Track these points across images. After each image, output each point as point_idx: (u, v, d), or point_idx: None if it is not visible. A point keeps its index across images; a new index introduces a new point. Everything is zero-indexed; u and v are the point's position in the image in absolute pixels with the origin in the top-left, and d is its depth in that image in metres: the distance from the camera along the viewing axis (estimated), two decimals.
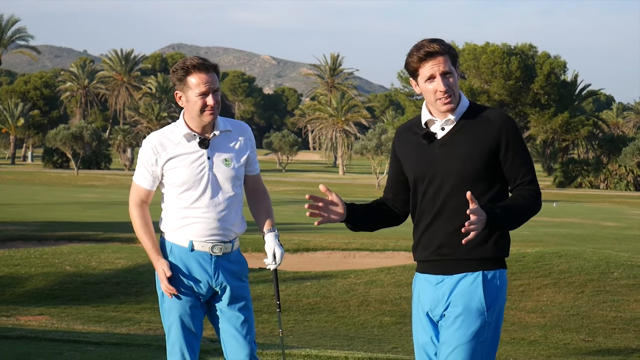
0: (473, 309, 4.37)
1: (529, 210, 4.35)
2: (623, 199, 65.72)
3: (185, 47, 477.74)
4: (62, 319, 12.92)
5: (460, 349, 4.37)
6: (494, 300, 4.40)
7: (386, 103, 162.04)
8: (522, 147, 4.40)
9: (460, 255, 4.40)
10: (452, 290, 4.43)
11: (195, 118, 5.07)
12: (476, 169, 4.35)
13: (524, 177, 4.37)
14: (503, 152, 4.35)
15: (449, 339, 4.40)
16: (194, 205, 5.05)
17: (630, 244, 26.89)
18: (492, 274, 4.41)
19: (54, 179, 68.14)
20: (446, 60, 4.39)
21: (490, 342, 4.41)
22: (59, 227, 26.40)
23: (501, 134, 4.35)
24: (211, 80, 5.02)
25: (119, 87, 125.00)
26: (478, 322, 4.37)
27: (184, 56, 78.63)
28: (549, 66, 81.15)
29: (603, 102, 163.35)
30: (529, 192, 4.35)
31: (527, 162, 4.41)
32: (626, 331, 14.30)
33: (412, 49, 4.45)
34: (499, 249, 4.41)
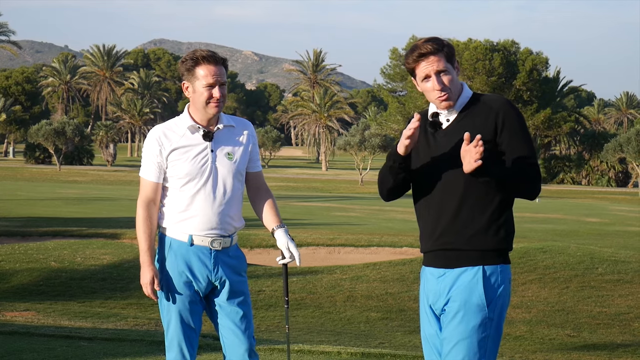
0: (473, 304, 4.40)
1: (521, 175, 4.35)
2: (605, 194, 66.01)
3: (167, 43, 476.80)
4: (48, 314, 12.88)
5: (461, 344, 4.40)
6: (495, 296, 4.42)
7: (368, 99, 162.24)
8: (520, 130, 4.42)
9: (460, 245, 4.43)
10: (452, 285, 4.46)
11: (200, 110, 5.07)
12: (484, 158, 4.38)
13: (524, 154, 4.40)
14: (499, 134, 4.40)
15: (450, 334, 4.43)
16: (195, 198, 5.05)
17: (613, 239, 27.01)
18: (492, 269, 4.43)
19: (36, 175, 67.84)
20: (440, 59, 4.46)
21: (493, 338, 4.43)
22: (42, 222, 26.28)
23: (497, 117, 4.41)
24: (219, 73, 5.03)
25: (101, 82, 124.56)
26: (479, 318, 4.39)
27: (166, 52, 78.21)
28: (531, 62, 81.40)
29: (584, 99, 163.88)
30: (527, 165, 4.37)
31: (526, 145, 4.42)
32: (611, 326, 14.37)
33: (408, 50, 4.56)
34: (499, 239, 4.44)
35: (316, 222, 29.71)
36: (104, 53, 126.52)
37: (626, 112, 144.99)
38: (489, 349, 4.42)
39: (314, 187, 63.78)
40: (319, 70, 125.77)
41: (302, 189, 60.85)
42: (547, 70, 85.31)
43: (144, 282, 5.04)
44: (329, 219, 32.32)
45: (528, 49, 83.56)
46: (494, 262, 4.44)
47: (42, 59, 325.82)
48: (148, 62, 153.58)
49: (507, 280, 4.49)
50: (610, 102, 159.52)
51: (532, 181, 4.39)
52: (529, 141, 4.45)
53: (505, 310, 4.49)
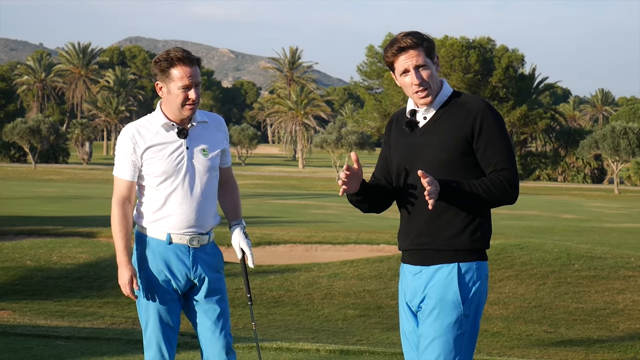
0: (448, 301, 4.38)
1: (491, 192, 4.29)
2: (581, 191, 66.31)
3: (143, 40, 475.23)
4: (24, 314, 12.81)
5: (437, 342, 4.38)
6: (470, 293, 4.39)
7: (345, 96, 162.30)
8: (497, 136, 4.35)
9: (436, 245, 4.41)
10: (428, 282, 4.44)
11: (174, 110, 5.04)
12: (450, 157, 4.36)
13: (497, 166, 4.33)
14: (475, 140, 4.34)
15: (426, 331, 4.42)
16: (172, 196, 5.01)
17: (589, 235, 27.15)
18: (468, 266, 4.40)
19: (11, 173, 67.45)
20: (419, 53, 4.41)
21: (469, 335, 4.41)
22: (17, 221, 26.14)
23: (475, 122, 4.34)
24: (194, 74, 4.99)
25: (77, 80, 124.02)
26: (454, 315, 4.37)
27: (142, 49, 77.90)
28: (507, 60, 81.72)
29: (560, 96, 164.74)
30: (499, 177, 4.30)
31: (502, 151, 4.35)
32: (587, 322, 14.43)
33: (388, 43, 4.51)
34: (475, 239, 4.40)
35: (293, 220, 29.69)
36: (79, 51, 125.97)
37: (601, 109, 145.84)
38: (465, 346, 4.39)
39: (291, 185, 63.74)
40: (296, 68, 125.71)
41: (279, 187, 60.80)
42: (523, 68, 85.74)
43: (122, 282, 5.00)
44: (306, 216, 32.30)
45: (504, 46, 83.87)
46: (469, 259, 4.41)
47: (16, 57, 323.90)
48: (124, 60, 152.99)
49: (484, 277, 4.45)
50: (585, 99, 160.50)
51: (504, 193, 4.31)
52: (506, 148, 4.37)
53: (481, 307, 4.46)
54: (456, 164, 4.37)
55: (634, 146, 66.22)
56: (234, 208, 5.33)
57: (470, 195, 4.29)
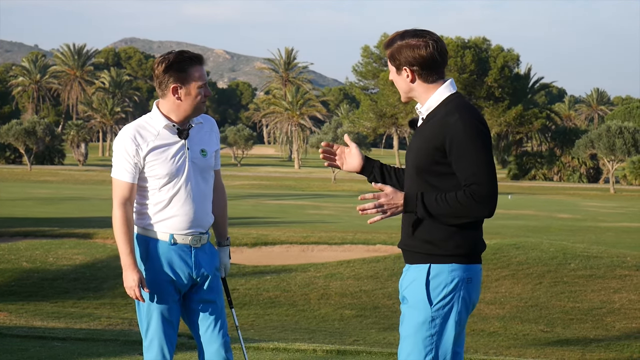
0: (417, 301, 4.35)
1: (457, 208, 4.24)
2: (576, 190, 66.38)
3: (138, 42, 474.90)
4: (20, 315, 12.79)
5: (406, 341, 4.38)
6: (440, 295, 4.33)
7: (340, 97, 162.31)
8: (466, 150, 4.26)
9: (414, 247, 4.41)
10: (406, 280, 4.45)
11: (184, 109, 5.00)
12: (422, 164, 4.36)
13: (466, 181, 4.26)
14: (448, 154, 4.29)
15: (400, 328, 4.44)
16: (175, 198, 5.01)
17: (585, 235, 27.17)
18: (440, 268, 4.34)
19: (7, 175, 67.42)
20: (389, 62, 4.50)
21: (441, 337, 4.34)
22: (13, 223, 26.12)
23: (446, 136, 4.28)
24: (205, 72, 5.08)
25: (72, 81, 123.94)
26: (422, 315, 4.33)
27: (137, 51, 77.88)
28: (502, 59, 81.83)
29: (555, 95, 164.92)
30: (466, 192, 4.24)
31: (471, 166, 4.26)
32: (584, 321, 14.44)
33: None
34: (452, 247, 4.34)
35: (289, 220, 29.70)
36: (75, 52, 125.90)
37: (597, 109, 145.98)
38: (436, 347, 4.33)
39: (287, 185, 63.76)
40: (291, 69, 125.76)
41: (275, 187, 60.80)
42: (519, 67, 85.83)
43: (129, 285, 4.96)
44: (302, 217, 32.31)
45: (499, 46, 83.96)
46: (444, 262, 4.35)
47: (11, 59, 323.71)
48: (119, 61, 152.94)
49: (459, 280, 4.35)
50: (580, 98, 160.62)
51: (471, 208, 4.25)
52: (476, 161, 4.26)
53: (457, 310, 4.35)
54: (429, 170, 4.35)
55: (629, 145, 66.34)
56: (223, 223, 5.37)
57: (432, 210, 4.28)
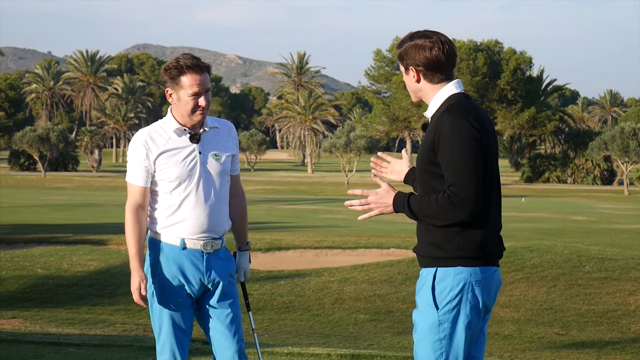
0: (425, 305, 4.35)
1: (435, 211, 4.24)
2: (590, 192, 66.19)
3: (151, 47, 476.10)
4: (35, 322, 12.83)
5: (418, 345, 4.38)
6: (447, 298, 4.32)
7: (353, 101, 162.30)
8: (450, 151, 4.25)
9: (421, 250, 4.42)
10: (418, 285, 4.46)
11: (184, 116, 5.06)
12: (422, 166, 4.38)
13: (447, 182, 4.26)
14: (437, 154, 4.30)
15: (413, 332, 4.44)
16: (186, 201, 5.03)
17: (600, 237, 27.10)
18: (445, 272, 4.33)
19: (21, 182, 67.61)
20: (400, 64, 4.54)
21: (451, 341, 4.32)
22: (28, 229, 26.21)
23: (434, 136, 4.31)
24: (204, 81, 5.02)
25: (85, 88, 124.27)
26: (430, 319, 4.33)
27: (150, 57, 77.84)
28: (515, 62, 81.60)
29: (568, 97, 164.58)
30: (445, 194, 4.24)
31: (453, 165, 4.24)
32: (599, 324, 14.41)
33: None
34: (452, 248, 4.32)
35: (303, 225, 29.70)
36: (88, 58, 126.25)
37: (610, 110, 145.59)
38: (447, 351, 4.32)
39: (300, 190, 63.77)
40: (303, 73, 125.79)
41: (288, 192, 60.82)
42: (531, 70, 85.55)
43: (132, 289, 5.01)
44: (316, 221, 32.31)
45: (512, 49, 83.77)
46: (450, 265, 4.33)
47: (25, 66, 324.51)
48: (132, 67, 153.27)
49: (466, 283, 4.33)
50: (594, 100, 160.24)
51: (448, 209, 4.23)
52: (457, 163, 4.24)
53: (465, 313, 4.33)
54: (430, 172, 4.36)
55: None
56: (242, 228, 5.39)
57: (417, 212, 4.30)
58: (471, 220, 4.26)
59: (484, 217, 4.34)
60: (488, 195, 4.34)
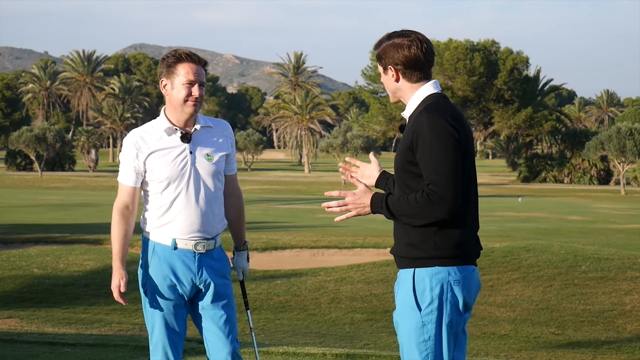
0: (407, 307, 4.34)
1: (414, 209, 4.22)
2: (587, 192, 66.24)
3: (148, 47, 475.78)
4: (32, 321, 12.83)
5: (403, 347, 4.37)
6: (428, 299, 4.30)
7: (350, 101, 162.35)
8: (428, 150, 4.23)
9: (399, 252, 4.41)
10: (397, 286, 4.45)
11: (177, 109, 5.05)
12: (401, 165, 4.36)
13: (426, 180, 4.24)
14: (415, 153, 4.29)
15: (398, 334, 4.43)
16: (177, 201, 5.03)
17: (596, 237, 27.11)
18: (424, 272, 4.32)
19: (18, 182, 67.58)
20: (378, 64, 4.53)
21: (434, 342, 4.31)
22: (24, 229, 26.19)
23: (412, 135, 4.29)
24: (200, 72, 5.04)
25: (82, 88, 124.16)
26: (413, 320, 4.32)
27: (147, 56, 78.00)
28: (511, 62, 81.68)
29: (565, 97, 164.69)
30: (424, 192, 4.22)
31: (432, 164, 4.22)
32: (595, 324, 14.43)
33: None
34: (429, 248, 4.31)
35: (300, 225, 29.71)
36: (84, 58, 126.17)
37: (607, 110, 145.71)
38: (431, 352, 4.31)
39: (297, 190, 63.77)
40: (300, 73, 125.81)
41: (285, 192, 60.83)
42: (528, 70, 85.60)
43: (112, 286, 5.06)
44: (313, 221, 32.33)
45: (508, 49, 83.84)
46: (427, 265, 4.32)
47: (21, 65, 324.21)
48: (128, 67, 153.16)
49: (445, 282, 4.32)
50: (590, 100, 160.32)
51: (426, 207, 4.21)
52: (435, 161, 4.23)
53: (447, 313, 4.33)
54: (405, 170, 4.35)
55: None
56: (239, 228, 5.39)
57: (394, 211, 4.28)
58: (449, 218, 4.24)
59: (461, 216, 4.33)
60: (466, 195, 4.31)
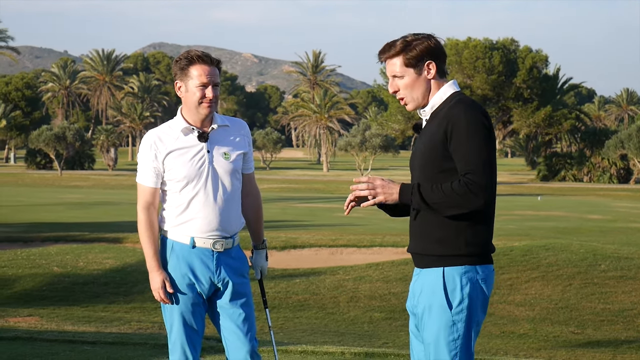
0: (436, 306, 4.34)
1: (451, 198, 4.22)
2: (607, 191, 65.95)
3: (167, 46, 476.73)
4: (51, 319, 12.88)
5: (431, 347, 4.37)
6: (458, 298, 4.32)
7: (369, 99, 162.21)
8: (465, 140, 4.27)
9: (424, 250, 4.41)
10: (421, 285, 4.43)
11: (192, 110, 5.07)
12: (430, 162, 4.36)
13: (462, 170, 4.26)
14: (449, 145, 4.31)
15: (424, 335, 4.41)
16: (195, 200, 5.04)
17: (616, 236, 26.99)
18: (454, 271, 4.33)
19: (38, 180, 67.86)
20: (394, 63, 4.46)
21: (464, 339, 4.34)
22: (44, 228, 26.30)
23: (447, 127, 4.31)
24: (213, 73, 5.05)
25: (101, 87, 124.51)
26: (443, 320, 4.32)
27: (165, 55, 78.10)
28: (530, 60, 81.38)
29: (585, 96, 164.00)
30: (462, 181, 4.24)
31: (468, 155, 4.25)
32: (615, 323, 14.37)
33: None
34: (459, 245, 4.32)
35: (318, 223, 29.70)
36: (104, 57, 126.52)
37: (627, 109, 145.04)
38: (460, 350, 4.33)
39: (316, 188, 63.77)
40: (319, 72, 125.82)
41: (304, 190, 60.83)
42: (547, 68, 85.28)
43: (155, 287, 5.05)
44: (331, 219, 32.31)
45: (527, 47, 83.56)
46: (456, 264, 4.34)
47: (41, 65, 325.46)
48: (147, 66, 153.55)
49: (474, 281, 4.35)
50: (610, 98, 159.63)
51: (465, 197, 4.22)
52: (474, 152, 4.26)
53: (476, 312, 4.36)
54: (437, 167, 4.35)
55: None
56: (257, 226, 5.40)
57: (428, 200, 4.27)
58: (484, 209, 4.27)
59: (490, 212, 4.37)
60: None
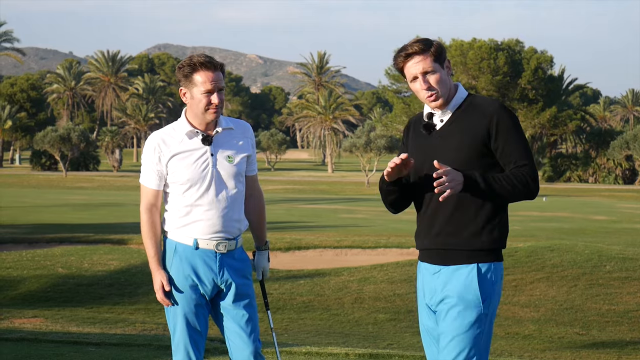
0: (469, 300, 4.45)
1: (515, 185, 4.37)
2: (612, 192, 65.89)
3: (172, 47, 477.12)
4: (56, 321, 12.89)
5: (457, 340, 4.46)
6: (489, 293, 4.48)
7: (373, 100, 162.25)
8: (515, 135, 4.45)
9: (455, 245, 4.49)
10: (447, 282, 4.52)
11: (198, 115, 5.08)
12: (467, 158, 4.44)
13: (517, 162, 4.43)
14: (494, 141, 4.43)
15: (447, 329, 4.49)
16: (198, 203, 5.05)
17: (621, 237, 26.97)
18: (487, 267, 4.48)
19: (43, 182, 67.93)
20: (425, 58, 4.51)
21: (487, 334, 4.50)
22: (49, 229, 26.33)
23: (491, 122, 4.43)
24: (217, 79, 5.03)
25: (106, 88, 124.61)
26: (474, 314, 4.45)
27: (170, 56, 78.16)
28: (535, 61, 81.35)
29: (590, 96, 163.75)
30: (521, 171, 4.39)
31: (521, 148, 4.44)
32: (620, 324, 14.35)
33: (397, 50, 4.60)
34: (493, 240, 4.48)
35: (323, 225, 29.70)
36: (109, 59, 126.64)
37: (632, 110, 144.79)
38: (482, 344, 4.48)
39: (320, 190, 63.77)
40: (324, 73, 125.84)
41: (309, 192, 60.84)
42: (552, 69, 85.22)
43: (155, 288, 5.09)
44: (336, 221, 32.31)
45: (532, 48, 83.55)
46: (488, 260, 4.49)
47: (46, 66, 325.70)
48: (152, 67, 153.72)
49: (500, 278, 4.55)
50: (615, 99, 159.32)
51: (526, 187, 4.39)
52: (524, 145, 4.46)
53: (496, 307, 4.55)
54: (474, 164, 4.45)
55: None
56: (260, 228, 5.41)
57: (493, 187, 4.37)
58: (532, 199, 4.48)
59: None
60: None
